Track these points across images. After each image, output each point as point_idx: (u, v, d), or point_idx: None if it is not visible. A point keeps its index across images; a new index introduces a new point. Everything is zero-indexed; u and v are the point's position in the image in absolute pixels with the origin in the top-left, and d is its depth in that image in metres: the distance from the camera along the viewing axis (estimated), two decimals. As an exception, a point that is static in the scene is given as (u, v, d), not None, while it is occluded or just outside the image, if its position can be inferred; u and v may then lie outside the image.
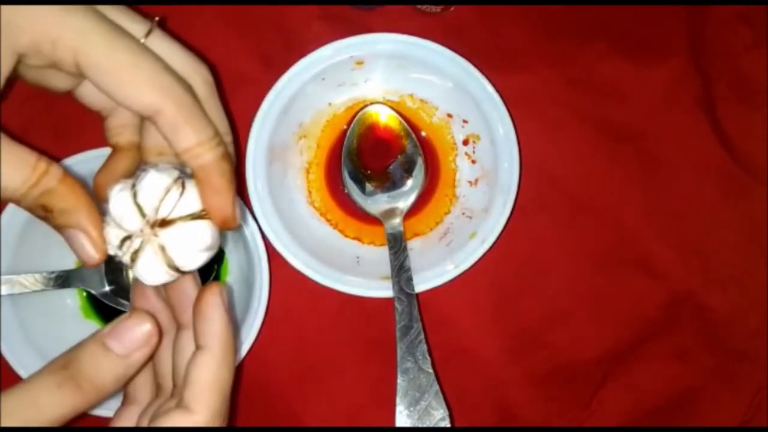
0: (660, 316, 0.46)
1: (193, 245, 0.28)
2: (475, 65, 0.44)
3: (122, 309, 0.44)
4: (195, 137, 0.27)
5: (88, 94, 0.32)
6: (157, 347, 0.28)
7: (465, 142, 0.47)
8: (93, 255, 0.27)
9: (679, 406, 0.46)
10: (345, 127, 0.47)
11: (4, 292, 0.41)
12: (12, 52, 0.26)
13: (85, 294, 0.45)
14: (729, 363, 0.46)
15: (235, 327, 0.29)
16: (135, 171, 0.32)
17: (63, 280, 0.43)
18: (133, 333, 0.27)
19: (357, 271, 0.44)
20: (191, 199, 0.28)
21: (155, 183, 0.27)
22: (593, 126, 0.48)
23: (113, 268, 0.44)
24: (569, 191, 0.47)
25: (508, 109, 0.44)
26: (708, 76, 0.48)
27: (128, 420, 0.31)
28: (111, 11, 0.29)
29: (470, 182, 0.47)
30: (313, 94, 0.45)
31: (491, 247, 0.43)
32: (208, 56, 0.42)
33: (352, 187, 0.46)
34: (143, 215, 0.27)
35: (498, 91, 0.44)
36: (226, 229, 0.29)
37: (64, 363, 0.26)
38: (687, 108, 0.48)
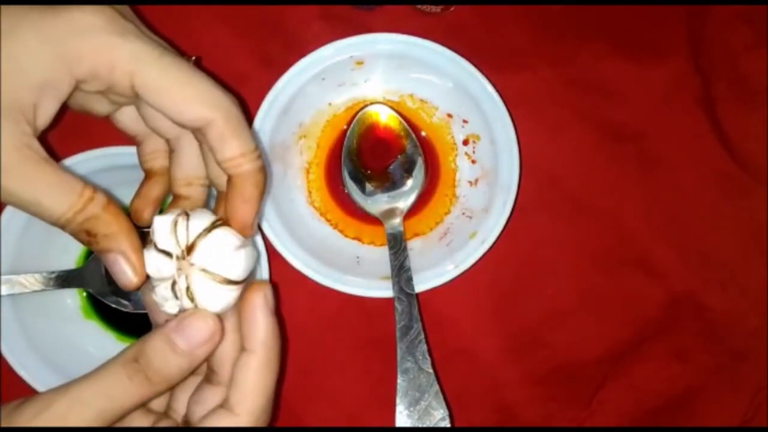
0: (660, 316, 0.47)
1: (224, 248, 0.28)
2: (475, 65, 0.44)
3: (122, 309, 0.44)
4: (239, 148, 0.29)
5: (125, 120, 0.34)
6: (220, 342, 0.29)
7: (465, 142, 0.47)
8: (132, 279, 0.29)
9: (679, 406, 0.46)
10: (345, 127, 0.47)
11: (4, 292, 0.41)
12: (71, 80, 0.28)
13: (85, 294, 0.45)
14: (729, 363, 0.46)
15: (280, 328, 0.30)
16: (167, 194, 0.34)
17: (63, 280, 0.43)
18: (198, 331, 0.28)
19: (357, 271, 0.44)
20: (198, 221, 0.29)
21: (162, 225, 0.29)
22: (593, 126, 0.48)
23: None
24: (569, 191, 0.47)
25: (508, 109, 0.44)
26: (708, 76, 0.48)
27: (190, 389, 0.32)
28: (160, 40, 0.30)
29: (470, 182, 0.47)
30: (313, 94, 0.45)
31: (491, 247, 0.43)
32: (208, 56, 0.42)
33: (352, 187, 0.46)
34: (169, 256, 0.28)
35: (498, 91, 0.43)
36: (242, 234, 0.30)
37: (134, 356, 0.28)
38: (687, 108, 0.48)
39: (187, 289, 0.28)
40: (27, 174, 0.27)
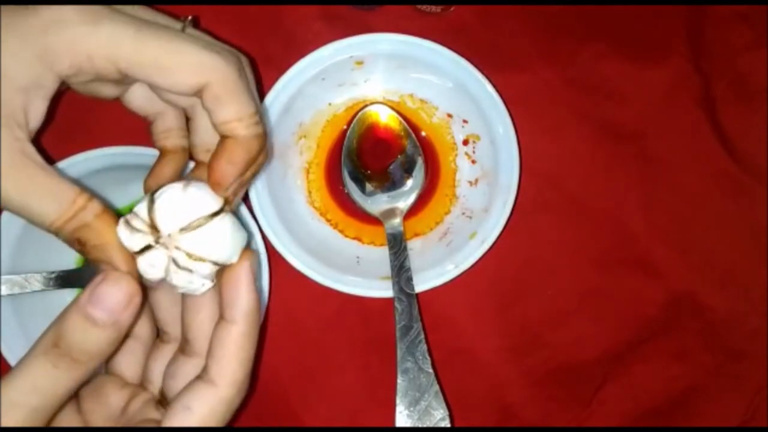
0: (660, 316, 0.47)
1: (189, 212, 0.27)
2: (475, 65, 0.44)
3: (122, 309, 0.43)
4: (235, 112, 0.28)
5: (134, 100, 0.33)
6: (144, 302, 0.28)
7: (465, 142, 0.47)
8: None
9: (679, 406, 0.46)
10: (345, 127, 0.47)
11: (4, 292, 0.41)
12: (54, 77, 0.27)
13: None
14: (729, 363, 0.46)
15: (259, 298, 0.29)
16: (181, 174, 0.33)
17: (63, 280, 0.43)
18: (113, 297, 0.26)
19: (357, 271, 0.44)
20: (170, 191, 0.28)
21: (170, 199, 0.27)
22: (593, 126, 0.48)
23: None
24: (569, 191, 0.47)
25: (508, 109, 0.44)
26: (708, 76, 0.48)
27: (132, 354, 0.31)
28: (141, 12, 0.30)
29: (470, 182, 0.47)
30: (313, 94, 0.45)
31: (491, 247, 0.43)
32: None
33: (352, 187, 0.46)
34: (156, 230, 0.27)
35: (498, 91, 0.44)
36: (217, 191, 0.29)
37: (54, 341, 0.26)
38: (687, 108, 0.48)
39: (189, 255, 0.27)
40: (20, 180, 0.26)
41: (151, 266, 0.27)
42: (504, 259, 0.45)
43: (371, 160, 0.46)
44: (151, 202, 0.27)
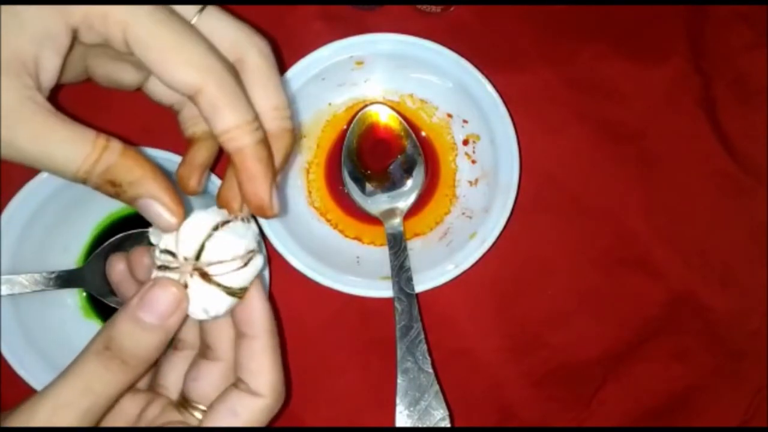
0: (660, 316, 0.46)
1: (230, 251, 0.28)
2: (475, 65, 0.44)
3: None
4: (234, 119, 0.27)
5: (157, 89, 0.33)
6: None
7: (465, 142, 0.47)
8: (170, 220, 0.27)
9: (679, 406, 0.46)
10: (345, 127, 0.47)
11: (4, 292, 0.41)
12: (67, 28, 0.26)
13: (85, 294, 0.45)
14: (729, 363, 0.46)
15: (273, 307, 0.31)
16: (213, 159, 0.33)
17: (63, 280, 0.43)
18: (163, 301, 0.27)
19: (357, 271, 0.44)
20: (203, 221, 0.28)
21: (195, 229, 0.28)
22: (593, 126, 0.48)
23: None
24: (569, 191, 0.47)
25: (508, 109, 0.44)
26: (708, 76, 0.48)
27: (180, 365, 0.32)
28: None
29: (470, 182, 0.47)
30: (313, 94, 0.45)
31: (491, 247, 0.43)
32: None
33: (352, 187, 0.46)
34: (175, 255, 0.28)
35: (498, 91, 0.43)
36: (262, 216, 0.29)
37: (105, 343, 0.27)
38: (687, 108, 0.48)
39: (205, 276, 0.28)
40: (34, 128, 0.25)
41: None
42: (504, 259, 0.45)
43: (371, 160, 0.46)
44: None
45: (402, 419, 0.41)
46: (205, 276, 0.28)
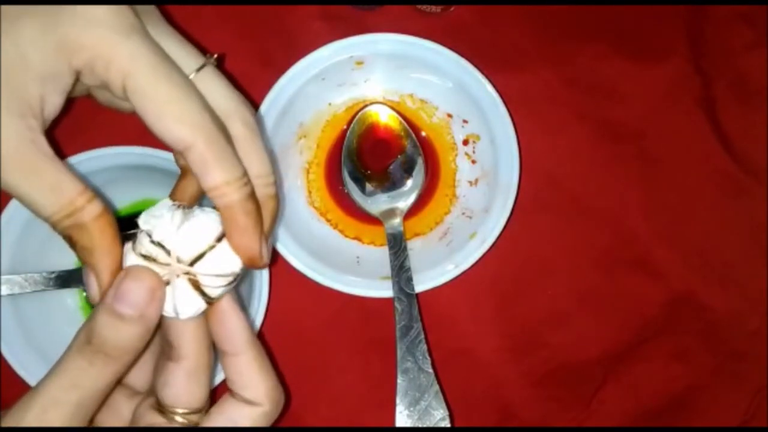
0: (660, 316, 0.46)
1: (226, 267, 0.28)
2: (475, 65, 0.44)
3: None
4: (222, 176, 0.28)
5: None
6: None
7: (465, 142, 0.47)
8: (95, 297, 0.28)
9: (679, 406, 0.46)
10: (345, 127, 0.47)
11: (3, 292, 0.41)
12: (71, 70, 0.27)
13: (85, 294, 0.45)
14: (729, 363, 0.46)
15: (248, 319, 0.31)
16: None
17: (63, 280, 0.43)
18: (136, 293, 0.27)
19: (357, 271, 0.44)
20: (208, 228, 0.28)
21: (164, 222, 0.28)
22: (593, 126, 0.48)
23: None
24: (569, 191, 0.47)
25: (508, 109, 0.44)
26: (708, 76, 0.48)
27: (141, 363, 0.32)
28: (169, 40, 0.30)
29: (470, 182, 0.47)
30: (313, 94, 0.45)
31: (491, 247, 0.43)
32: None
33: (352, 187, 0.46)
34: (167, 252, 0.28)
35: (498, 91, 0.44)
36: (253, 267, 0.29)
37: (87, 338, 0.27)
38: (687, 108, 0.48)
39: (193, 281, 0.28)
40: (25, 170, 0.26)
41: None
42: (504, 259, 0.45)
43: (371, 160, 0.46)
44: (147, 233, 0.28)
45: (402, 419, 0.41)
46: (194, 283, 0.28)
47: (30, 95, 0.27)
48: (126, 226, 0.45)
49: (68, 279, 0.43)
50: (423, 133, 0.47)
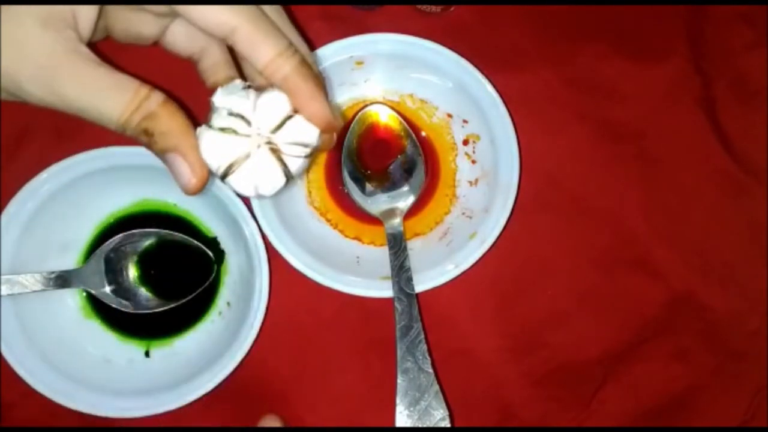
0: (660, 316, 0.46)
1: (304, 137, 0.29)
2: (475, 65, 0.44)
3: (122, 309, 0.44)
4: (273, 49, 0.28)
5: (176, 40, 0.33)
6: None
7: (465, 142, 0.47)
8: (191, 180, 0.28)
9: (679, 406, 0.46)
10: (345, 127, 0.47)
11: (4, 292, 0.41)
12: None
13: (85, 294, 0.45)
14: (729, 363, 0.46)
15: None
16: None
17: (63, 280, 0.43)
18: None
19: (357, 271, 0.44)
20: (278, 102, 0.29)
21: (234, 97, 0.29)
22: (593, 126, 0.48)
23: (113, 268, 0.44)
24: (569, 191, 0.47)
25: (508, 109, 0.44)
26: (708, 76, 0.48)
27: None
28: None
29: (470, 182, 0.47)
30: (313, 94, 0.45)
31: (491, 247, 0.43)
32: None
33: (352, 187, 0.46)
34: (248, 123, 0.28)
35: (498, 91, 0.44)
36: (331, 131, 0.30)
37: None
38: (687, 108, 0.48)
39: (274, 151, 0.28)
40: (81, 78, 0.26)
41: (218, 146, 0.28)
42: (504, 259, 0.45)
43: (371, 160, 0.46)
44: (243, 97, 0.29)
45: (402, 419, 0.41)
46: (275, 151, 0.28)
47: (62, 9, 0.27)
48: (127, 226, 0.46)
49: (68, 279, 0.43)
50: (423, 133, 0.47)
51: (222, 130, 0.28)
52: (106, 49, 0.32)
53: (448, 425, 0.42)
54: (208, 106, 0.30)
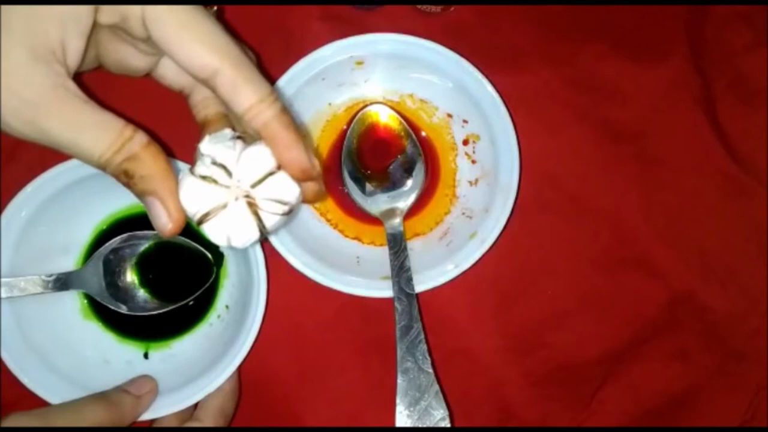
0: (660, 316, 0.47)
1: (284, 195, 0.29)
2: (475, 65, 0.44)
3: (121, 311, 0.43)
4: (255, 95, 0.28)
5: (166, 74, 0.33)
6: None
7: (465, 142, 0.47)
8: (167, 225, 0.28)
9: (679, 406, 0.46)
10: (345, 127, 0.47)
11: (3, 294, 0.41)
12: (89, 10, 0.27)
13: (84, 296, 0.45)
14: (729, 363, 0.46)
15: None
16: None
17: (62, 282, 0.43)
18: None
19: (357, 271, 0.44)
20: (263, 157, 0.29)
21: (221, 150, 0.29)
22: (593, 126, 0.48)
23: (112, 270, 0.44)
24: (569, 191, 0.47)
25: (508, 109, 0.44)
26: (708, 76, 0.48)
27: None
28: None
29: (470, 182, 0.47)
30: (313, 94, 0.45)
31: (491, 247, 0.43)
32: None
33: (352, 187, 0.46)
34: (229, 174, 0.28)
35: (498, 91, 0.43)
36: (307, 179, 0.29)
37: None
38: (687, 108, 0.48)
39: (251, 205, 0.28)
40: (65, 114, 0.26)
41: (198, 195, 0.28)
42: (504, 259, 0.45)
43: (371, 160, 0.46)
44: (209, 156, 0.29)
45: (402, 419, 0.41)
46: (251, 205, 0.28)
47: (51, 40, 0.27)
48: (126, 228, 0.45)
49: (67, 281, 0.43)
50: (423, 133, 0.47)
51: (203, 177, 0.28)
52: (99, 78, 0.32)
53: (448, 425, 0.41)
54: (197, 137, 0.30)
